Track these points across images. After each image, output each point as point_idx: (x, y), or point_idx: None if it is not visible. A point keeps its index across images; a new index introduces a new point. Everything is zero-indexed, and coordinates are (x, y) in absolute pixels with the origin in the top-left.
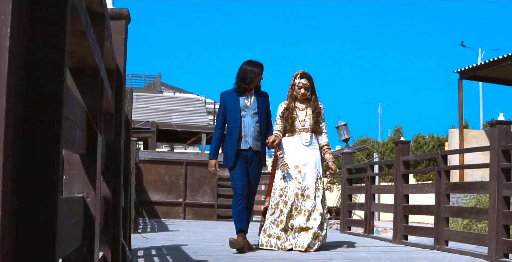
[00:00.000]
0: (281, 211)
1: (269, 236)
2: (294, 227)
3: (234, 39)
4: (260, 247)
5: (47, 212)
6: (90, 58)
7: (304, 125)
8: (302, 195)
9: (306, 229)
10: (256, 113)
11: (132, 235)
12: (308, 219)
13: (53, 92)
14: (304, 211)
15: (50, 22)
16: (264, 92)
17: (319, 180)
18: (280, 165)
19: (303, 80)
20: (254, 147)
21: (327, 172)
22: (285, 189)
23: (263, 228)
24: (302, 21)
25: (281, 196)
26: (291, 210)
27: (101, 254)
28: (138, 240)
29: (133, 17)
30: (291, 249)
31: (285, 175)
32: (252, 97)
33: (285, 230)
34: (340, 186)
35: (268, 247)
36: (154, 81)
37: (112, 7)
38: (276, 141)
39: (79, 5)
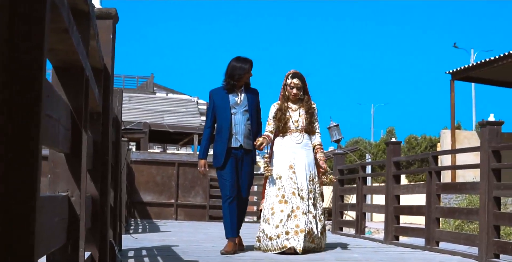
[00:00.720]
0: (282, 211)
1: (270, 238)
2: (294, 229)
3: (227, 40)
4: (255, 249)
5: (26, 210)
6: (75, 57)
7: (297, 126)
8: (298, 194)
9: (304, 230)
10: (246, 110)
11: (123, 235)
12: (307, 221)
13: (32, 89)
14: (303, 211)
15: (28, 18)
16: (254, 89)
17: (311, 182)
18: (263, 169)
19: (295, 80)
20: (245, 145)
21: (320, 170)
22: (282, 188)
23: (260, 231)
24: (295, 22)
25: (277, 196)
26: (292, 210)
27: (88, 253)
28: (129, 241)
29: (127, 18)
30: (288, 250)
31: (281, 175)
32: (242, 95)
33: (286, 231)
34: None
35: (267, 250)
36: (146, 82)
37: (100, 6)
38: (264, 143)
39: (60, 2)
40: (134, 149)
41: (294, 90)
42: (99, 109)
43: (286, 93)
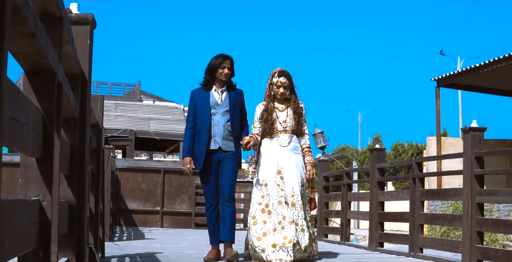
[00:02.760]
0: (264, 222)
1: (254, 250)
2: (281, 240)
3: (214, 48)
4: (246, 258)
5: None
6: (44, 61)
7: (285, 127)
8: (286, 203)
9: (292, 241)
10: (227, 111)
11: (107, 243)
12: (296, 230)
13: None
14: (291, 220)
15: None
16: (238, 90)
17: (302, 187)
18: (259, 167)
19: (282, 79)
20: (224, 147)
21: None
22: (266, 196)
23: (246, 240)
24: (281, 28)
25: (260, 204)
26: (279, 222)
27: (64, 259)
28: (113, 248)
29: (114, 26)
30: None
31: (267, 182)
32: (224, 94)
33: (273, 244)
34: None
35: (255, 259)
36: (133, 90)
37: (78, 12)
38: (251, 143)
39: (24, 5)
40: (120, 156)
41: (281, 90)
42: (76, 115)
43: (272, 92)
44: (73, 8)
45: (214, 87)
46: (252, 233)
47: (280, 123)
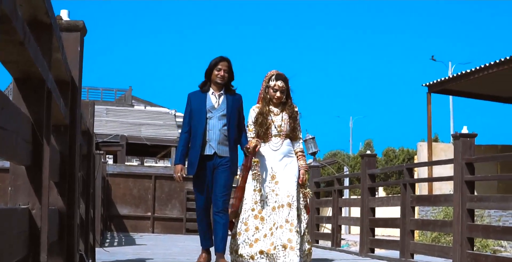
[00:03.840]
0: (257, 228)
1: (241, 256)
2: (268, 247)
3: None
4: None
5: None
6: (33, 69)
7: (280, 132)
8: (281, 206)
9: (290, 245)
10: (224, 115)
11: (97, 249)
12: (291, 231)
13: None
14: (281, 225)
15: None
16: (237, 94)
17: (297, 190)
18: (252, 173)
19: (279, 83)
20: (219, 152)
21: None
22: (260, 202)
23: (232, 246)
24: (271, 32)
25: (253, 210)
26: (270, 228)
27: None
28: (104, 254)
29: (105, 31)
30: None
31: (261, 187)
32: (221, 98)
33: (259, 251)
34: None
35: None
36: (125, 95)
37: (68, 19)
38: (258, 146)
39: (13, 15)
40: (111, 161)
41: (278, 94)
42: (66, 122)
43: (268, 96)
44: (64, 14)
45: (211, 90)
46: (244, 239)
47: (275, 127)
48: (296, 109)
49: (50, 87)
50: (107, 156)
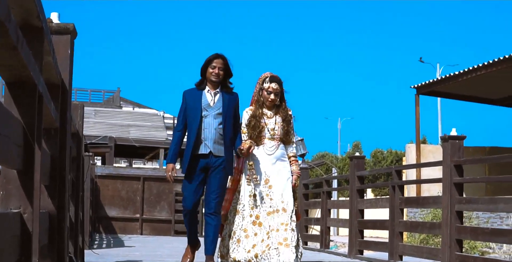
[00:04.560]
0: (255, 234)
1: (234, 260)
2: (263, 249)
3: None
4: None
5: None
6: (26, 73)
7: (273, 135)
8: (276, 211)
9: (284, 242)
10: (220, 114)
11: (86, 251)
12: (286, 231)
13: None
14: (280, 226)
15: None
16: (234, 93)
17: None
18: (247, 177)
19: (274, 85)
20: (215, 151)
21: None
22: (256, 208)
23: (221, 249)
24: (258, 34)
25: (251, 216)
26: (267, 232)
27: None
28: (93, 256)
29: (94, 32)
30: None
31: (255, 192)
32: (217, 96)
33: (255, 254)
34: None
35: None
36: (113, 96)
37: (58, 22)
38: (252, 147)
39: (7, 19)
40: (99, 163)
41: (272, 96)
42: (56, 125)
43: (262, 98)
44: (54, 17)
45: (207, 88)
46: (243, 246)
47: (268, 130)
48: (290, 112)
49: (41, 91)
50: (95, 157)
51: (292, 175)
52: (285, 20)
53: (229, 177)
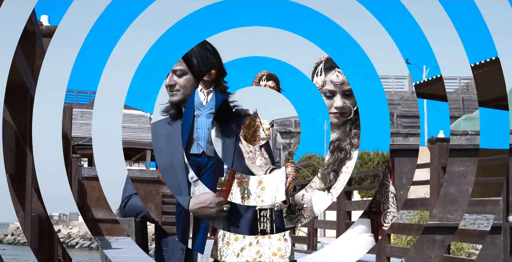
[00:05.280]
0: (244, 237)
1: None
2: (254, 256)
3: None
4: None
5: None
6: (18, 77)
7: (268, 135)
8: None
9: (279, 253)
10: (212, 113)
11: None
12: (279, 240)
13: None
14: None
15: None
16: (227, 92)
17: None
18: (237, 179)
19: (271, 83)
20: (208, 151)
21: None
22: None
23: (213, 253)
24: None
25: None
26: (255, 236)
27: None
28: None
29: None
30: None
31: (248, 194)
32: (210, 95)
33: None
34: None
35: None
36: None
37: (48, 24)
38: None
39: None
40: (86, 164)
41: None
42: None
43: None
44: (44, 20)
45: (200, 87)
46: (233, 249)
47: (263, 130)
48: None
49: (33, 95)
50: (82, 158)
51: (286, 177)
52: (272, 17)
53: (223, 177)
